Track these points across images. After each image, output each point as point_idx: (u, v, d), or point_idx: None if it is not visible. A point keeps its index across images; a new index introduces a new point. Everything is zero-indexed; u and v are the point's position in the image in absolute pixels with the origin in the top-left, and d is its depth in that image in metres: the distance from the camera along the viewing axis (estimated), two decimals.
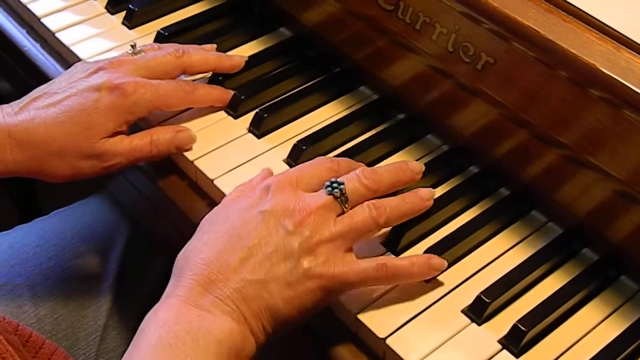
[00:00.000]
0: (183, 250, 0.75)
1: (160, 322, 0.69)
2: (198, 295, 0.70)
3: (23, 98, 0.86)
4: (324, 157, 0.82)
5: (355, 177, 0.77)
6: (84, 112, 0.83)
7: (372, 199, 0.77)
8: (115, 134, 0.84)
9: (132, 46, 0.90)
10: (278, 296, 0.71)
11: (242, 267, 0.71)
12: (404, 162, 0.83)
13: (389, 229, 0.80)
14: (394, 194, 0.80)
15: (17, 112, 0.84)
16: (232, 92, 0.93)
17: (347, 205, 0.75)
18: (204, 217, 0.82)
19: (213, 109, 0.92)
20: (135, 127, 0.88)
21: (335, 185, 0.76)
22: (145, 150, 0.86)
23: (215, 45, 0.96)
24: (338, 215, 0.75)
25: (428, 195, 0.80)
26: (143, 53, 0.90)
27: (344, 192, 0.75)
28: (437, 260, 0.77)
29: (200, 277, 0.71)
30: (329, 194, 0.75)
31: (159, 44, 0.92)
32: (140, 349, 0.68)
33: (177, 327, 0.68)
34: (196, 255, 0.73)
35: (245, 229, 0.73)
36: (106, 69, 0.86)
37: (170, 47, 0.90)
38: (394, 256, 0.79)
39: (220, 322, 0.69)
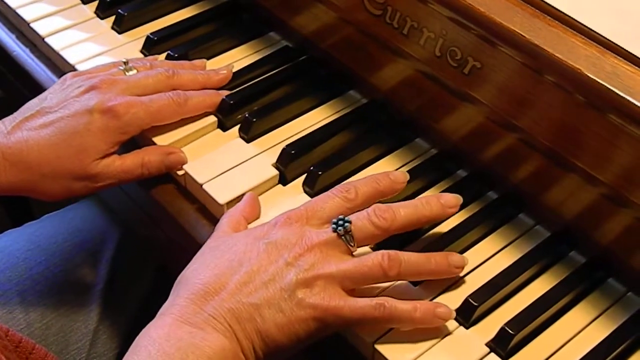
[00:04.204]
0: (183, 271, 0.75)
1: (151, 339, 0.69)
2: (192, 313, 0.70)
3: (15, 115, 0.87)
4: (342, 184, 0.79)
5: (366, 215, 0.76)
6: (76, 134, 0.84)
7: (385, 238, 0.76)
8: (107, 154, 0.85)
9: (124, 62, 0.91)
10: (270, 321, 0.71)
11: (238, 290, 0.72)
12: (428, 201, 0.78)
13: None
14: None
15: (10, 132, 0.84)
16: (224, 93, 0.93)
17: (352, 244, 0.75)
18: (193, 222, 0.82)
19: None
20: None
21: (340, 222, 0.75)
22: (136, 172, 0.87)
23: (205, 60, 0.97)
24: (347, 254, 0.75)
25: (460, 262, 0.77)
26: (135, 70, 0.90)
27: (348, 230, 0.75)
28: (443, 309, 0.74)
29: (196, 297, 0.71)
30: (334, 232, 0.75)
31: (151, 62, 0.93)
32: None
33: (167, 344, 0.68)
34: (195, 276, 0.73)
35: (247, 256, 0.74)
36: (99, 89, 0.86)
37: (161, 67, 0.91)
38: (395, 299, 0.74)
39: (211, 339, 0.69)
